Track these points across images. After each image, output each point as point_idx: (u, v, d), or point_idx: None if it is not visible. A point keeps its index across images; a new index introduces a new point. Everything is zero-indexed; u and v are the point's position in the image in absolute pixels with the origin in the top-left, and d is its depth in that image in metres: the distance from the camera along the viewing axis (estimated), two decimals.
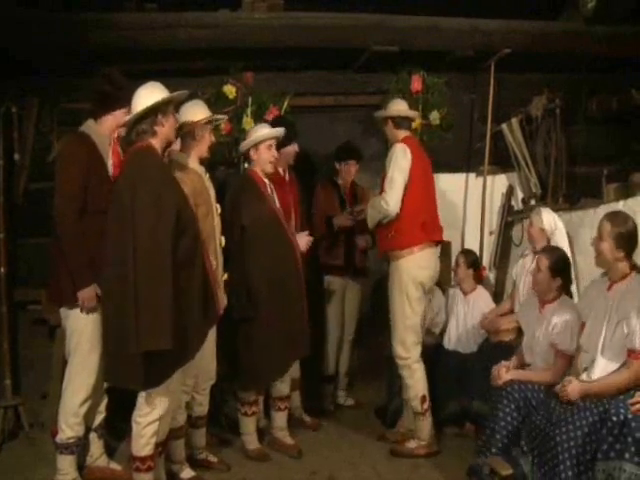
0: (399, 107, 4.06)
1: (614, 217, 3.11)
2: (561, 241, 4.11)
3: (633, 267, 3.07)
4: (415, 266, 3.84)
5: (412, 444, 3.90)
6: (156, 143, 3.06)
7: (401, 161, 3.82)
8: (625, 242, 3.03)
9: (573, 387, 3.02)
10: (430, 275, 3.93)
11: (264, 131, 3.86)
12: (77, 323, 3.24)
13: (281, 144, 4.07)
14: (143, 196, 2.85)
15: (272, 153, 3.84)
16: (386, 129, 4.06)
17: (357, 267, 4.82)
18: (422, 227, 3.87)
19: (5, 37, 4.06)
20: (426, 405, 3.87)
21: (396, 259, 3.88)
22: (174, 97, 3.12)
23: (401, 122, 4.00)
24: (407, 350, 3.88)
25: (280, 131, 3.92)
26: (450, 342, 4.53)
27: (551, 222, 4.14)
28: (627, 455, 2.64)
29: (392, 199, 3.78)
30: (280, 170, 4.23)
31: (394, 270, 3.91)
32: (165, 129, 3.07)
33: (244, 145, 3.91)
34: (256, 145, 3.83)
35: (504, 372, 3.46)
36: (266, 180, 3.88)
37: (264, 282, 3.67)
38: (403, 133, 3.99)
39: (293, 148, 4.23)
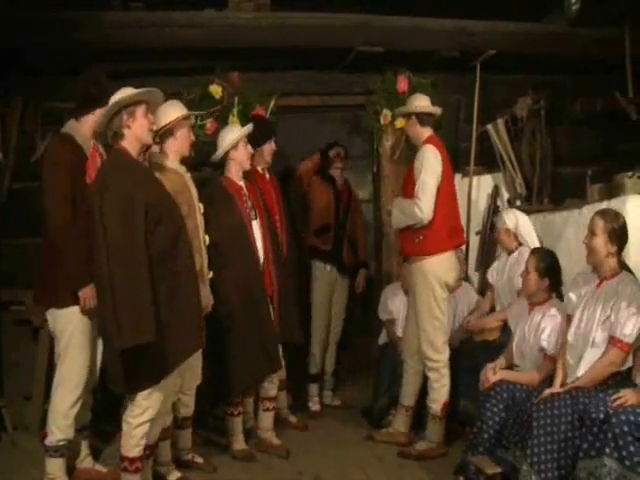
0: (422, 103, 3.96)
1: (606, 213, 3.15)
2: (528, 236, 4.13)
3: (622, 265, 3.10)
4: (440, 268, 3.78)
5: (421, 446, 3.87)
6: (127, 145, 3.01)
7: (434, 165, 3.73)
8: (618, 237, 3.06)
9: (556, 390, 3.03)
10: (455, 276, 3.91)
11: (240, 130, 3.93)
12: (67, 324, 3.22)
13: (259, 143, 4.08)
14: (110, 197, 2.84)
15: (249, 149, 3.90)
16: (408, 126, 3.98)
17: (345, 262, 4.87)
18: (449, 233, 3.82)
19: None
20: (445, 411, 3.84)
21: (420, 260, 3.81)
22: (131, 96, 3.00)
23: (425, 119, 3.90)
24: (437, 352, 3.82)
25: (249, 128, 3.97)
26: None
27: (512, 219, 4.16)
28: (607, 450, 2.66)
29: (425, 206, 3.68)
30: (259, 169, 4.23)
31: (418, 271, 3.83)
32: (132, 131, 3.00)
33: (222, 150, 3.88)
34: (235, 146, 3.85)
35: (491, 375, 3.47)
36: (241, 183, 3.90)
37: (234, 297, 3.69)
38: (427, 131, 3.91)
39: (270, 147, 4.22)
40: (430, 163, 3.73)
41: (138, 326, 2.76)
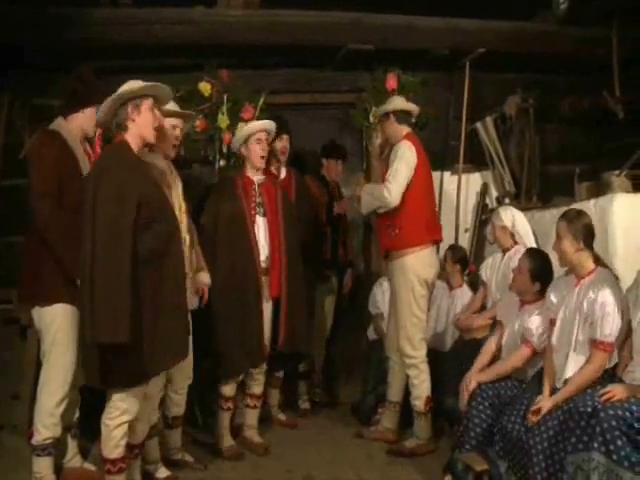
0: (398, 101, 4.06)
1: (567, 214, 3.17)
2: (524, 234, 4.14)
3: (597, 261, 3.12)
4: (420, 264, 3.81)
5: (411, 443, 3.88)
6: (130, 138, 2.98)
7: (408, 156, 3.78)
8: (582, 234, 3.08)
9: (545, 407, 3.00)
10: (434, 273, 3.93)
11: (252, 125, 3.88)
12: (52, 322, 3.20)
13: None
14: (104, 189, 2.79)
15: (262, 147, 3.83)
16: (387, 126, 4.01)
17: (340, 262, 4.87)
18: (425, 226, 3.85)
19: None
20: (429, 406, 3.86)
21: (400, 257, 3.84)
22: (138, 89, 2.98)
23: (402, 117, 3.96)
24: (414, 348, 3.85)
25: (267, 123, 3.90)
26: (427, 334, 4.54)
27: (509, 217, 4.16)
28: (595, 444, 2.66)
29: (394, 190, 3.73)
30: (273, 169, 4.19)
31: (398, 268, 3.86)
32: (137, 125, 2.98)
33: (234, 144, 3.92)
34: (245, 142, 3.85)
35: (469, 383, 3.43)
36: (255, 178, 3.87)
37: (219, 286, 3.64)
38: (405, 129, 3.95)
39: (281, 143, 4.19)
40: (405, 155, 3.79)
41: (113, 324, 2.69)
